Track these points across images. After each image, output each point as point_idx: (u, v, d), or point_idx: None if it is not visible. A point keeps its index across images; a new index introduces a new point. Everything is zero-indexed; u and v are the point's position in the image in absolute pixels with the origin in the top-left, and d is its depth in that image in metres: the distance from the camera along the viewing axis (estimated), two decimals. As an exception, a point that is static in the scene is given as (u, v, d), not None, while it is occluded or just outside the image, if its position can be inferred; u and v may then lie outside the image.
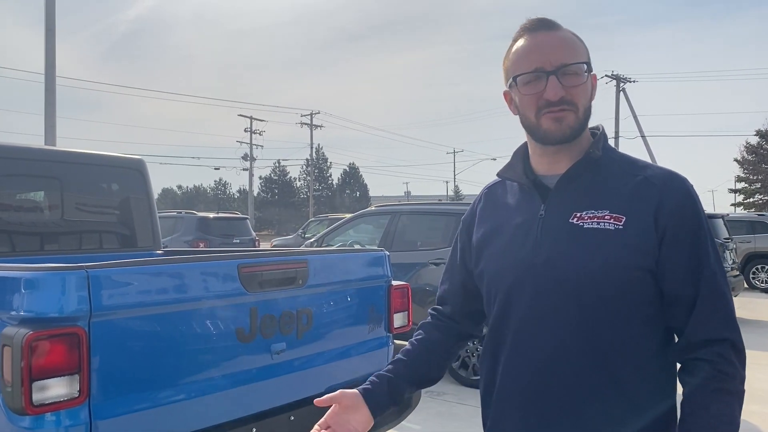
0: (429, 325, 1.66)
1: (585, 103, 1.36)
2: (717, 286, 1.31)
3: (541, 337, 1.35)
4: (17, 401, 1.92)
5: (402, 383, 1.54)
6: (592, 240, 1.31)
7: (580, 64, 1.36)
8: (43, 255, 3.82)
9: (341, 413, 1.47)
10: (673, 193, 1.33)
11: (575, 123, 1.35)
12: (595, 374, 1.31)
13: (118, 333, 2.15)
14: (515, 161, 1.50)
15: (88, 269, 2.06)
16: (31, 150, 4.07)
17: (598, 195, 1.36)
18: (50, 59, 12.06)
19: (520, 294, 1.38)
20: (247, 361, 2.59)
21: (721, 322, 1.30)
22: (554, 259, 1.34)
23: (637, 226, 1.30)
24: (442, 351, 1.62)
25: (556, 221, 1.37)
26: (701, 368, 1.28)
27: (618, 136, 36.24)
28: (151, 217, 4.40)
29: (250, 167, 50.88)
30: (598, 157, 1.38)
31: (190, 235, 14.03)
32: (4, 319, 2.04)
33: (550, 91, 1.33)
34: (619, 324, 1.31)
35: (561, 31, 1.39)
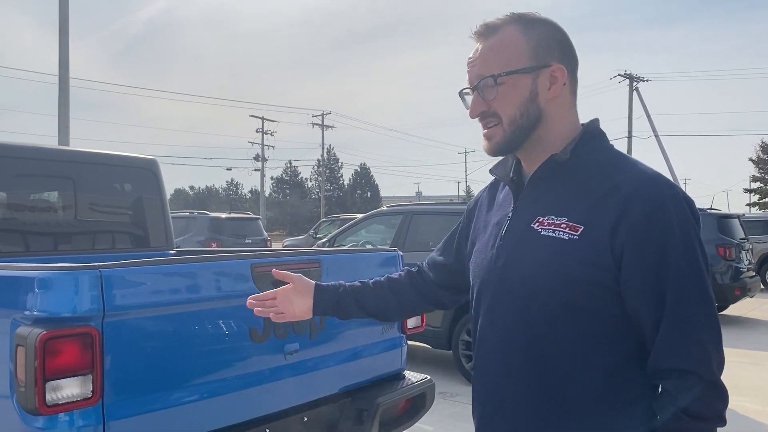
0: (411, 276, 1.68)
1: (511, 112, 1.28)
2: (685, 311, 1.16)
3: (496, 341, 1.32)
4: (31, 401, 1.91)
5: (353, 304, 1.62)
6: (545, 249, 1.23)
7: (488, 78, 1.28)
8: (56, 255, 3.82)
9: (291, 293, 1.61)
10: (640, 204, 1.17)
11: (501, 138, 1.30)
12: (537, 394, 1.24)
13: (131, 333, 2.13)
14: (508, 158, 1.44)
15: (101, 269, 2.05)
16: (44, 150, 4.08)
17: (563, 200, 1.27)
18: (64, 61, 12.14)
19: (484, 296, 1.35)
20: (261, 361, 2.57)
21: (685, 352, 1.16)
22: (509, 264, 1.30)
23: (593, 239, 1.19)
24: (407, 304, 1.65)
25: (518, 224, 1.32)
26: (662, 400, 1.19)
27: (631, 136, 36.04)
28: (163, 217, 4.40)
29: (261, 168, 51.03)
30: (564, 161, 1.27)
31: (203, 235, 14.08)
32: (17, 319, 2.03)
33: (470, 110, 1.33)
34: (570, 342, 1.21)
35: (498, 34, 1.29)
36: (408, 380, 3.26)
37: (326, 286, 1.63)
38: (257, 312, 1.60)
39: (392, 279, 1.67)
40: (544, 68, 1.28)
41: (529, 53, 1.28)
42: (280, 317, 1.61)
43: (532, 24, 1.30)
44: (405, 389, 3.15)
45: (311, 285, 1.62)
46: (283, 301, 1.61)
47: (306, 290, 1.62)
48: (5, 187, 3.74)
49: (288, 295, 1.61)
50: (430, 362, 7.00)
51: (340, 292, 1.62)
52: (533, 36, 1.29)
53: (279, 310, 1.60)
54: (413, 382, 3.24)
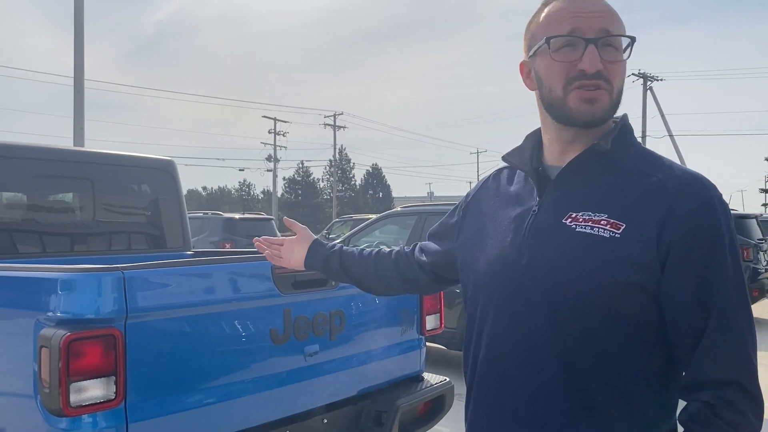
0: (398, 254, 1.65)
1: (620, 85, 1.18)
2: (731, 319, 1.09)
3: (514, 346, 1.20)
4: (55, 402, 1.91)
5: (338, 264, 1.66)
6: (582, 246, 1.13)
7: (624, 37, 1.17)
8: (75, 256, 3.84)
9: (295, 242, 1.74)
10: (689, 201, 1.11)
11: (608, 105, 1.17)
12: (567, 397, 1.14)
13: (153, 334, 2.14)
14: (525, 146, 1.33)
15: (124, 271, 2.05)
16: (63, 151, 4.10)
17: (600, 195, 1.17)
18: (79, 63, 12.25)
19: (501, 295, 1.23)
20: (281, 363, 2.56)
21: (731, 362, 1.09)
22: (537, 261, 1.18)
23: (637, 237, 1.11)
24: (384, 278, 1.64)
25: (547, 219, 1.20)
26: (702, 415, 1.09)
27: (645, 136, 35.79)
28: (181, 218, 4.41)
29: (274, 168, 51.20)
30: (605, 151, 1.18)
31: (217, 236, 14.13)
32: (41, 320, 2.03)
33: (588, 61, 1.13)
34: (601, 345, 1.13)
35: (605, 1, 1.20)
36: (427, 382, 3.25)
37: (323, 243, 1.73)
38: (258, 246, 1.78)
39: (381, 253, 1.68)
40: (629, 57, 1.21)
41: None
42: (276, 259, 1.76)
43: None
44: (424, 391, 3.13)
45: (311, 238, 1.74)
46: (287, 248, 1.75)
47: (305, 242, 1.73)
48: (24, 188, 3.77)
49: (292, 244, 1.75)
50: (448, 364, 6.98)
51: (331, 251, 1.69)
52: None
53: (279, 254, 1.75)
54: (432, 384, 3.22)
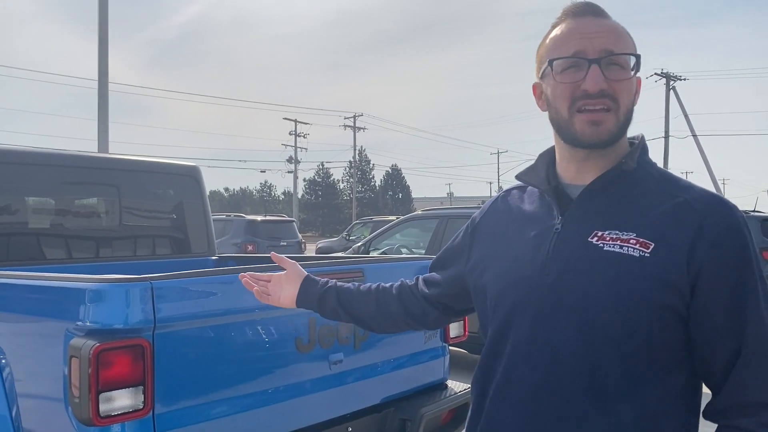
0: (401, 288, 1.58)
1: (628, 103, 1.18)
2: (764, 341, 1.10)
3: (537, 371, 1.18)
4: (85, 412, 1.93)
5: (336, 303, 1.57)
6: (611, 265, 1.13)
7: (628, 55, 1.18)
8: (102, 261, 3.89)
9: (283, 278, 1.63)
10: (717, 221, 1.11)
11: (614, 126, 1.17)
12: (593, 419, 1.13)
13: (180, 344, 2.15)
14: (539, 164, 1.33)
15: (152, 281, 2.07)
16: (89, 158, 4.16)
17: (626, 214, 1.17)
18: (103, 67, 12.40)
19: (522, 315, 1.21)
20: (306, 371, 2.57)
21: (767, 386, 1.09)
22: (563, 281, 1.16)
23: (667, 256, 1.10)
24: (388, 316, 1.57)
25: (572, 238, 1.19)
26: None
27: (668, 136, 35.35)
28: (205, 222, 4.44)
29: (294, 170, 51.44)
30: (632, 170, 1.19)
31: (239, 238, 14.25)
32: (70, 330, 2.06)
33: (590, 81, 1.15)
34: (628, 366, 1.12)
35: (609, 19, 1.22)
36: (451, 390, 3.23)
37: (315, 279, 1.63)
38: (245, 283, 1.65)
39: (382, 288, 1.59)
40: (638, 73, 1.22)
41: (635, 51, 1.22)
42: (264, 297, 1.63)
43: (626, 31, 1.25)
44: (448, 399, 3.12)
45: (302, 275, 1.63)
46: (275, 285, 1.64)
47: (295, 279, 1.63)
48: (52, 195, 3.82)
49: (281, 280, 1.64)
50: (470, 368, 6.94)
51: (326, 288, 1.59)
52: (633, 41, 1.23)
53: (267, 291, 1.63)
54: (456, 392, 3.20)
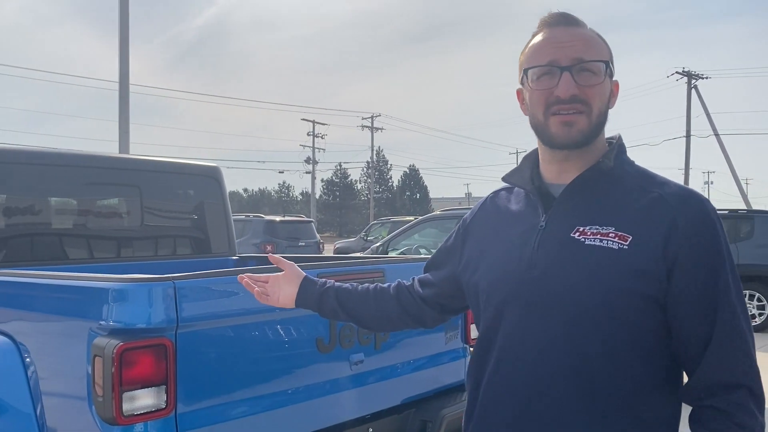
0: (399, 289, 1.63)
1: (600, 106, 1.26)
2: (736, 325, 1.18)
3: (527, 360, 1.25)
4: (108, 411, 1.94)
5: (335, 303, 1.60)
6: (592, 258, 1.20)
7: (599, 62, 1.26)
8: (124, 261, 3.92)
9: (281, 279, 1.65)
10: (689, 214, 1.20)
11: (586, 127, 1.25)
12: (582, 411, 1.20)
13: (202, 344, 2.15)
14: (524, 166, 1.40)
15: (175, 280, 2.07)
16: (111, 159, 4.19)
17: (605, 209, 1.25)
18: (124, 69, 12.52)
19: (511, 309, 1.28)
20: (327, 371, 2.56)
21: (738, 366, 1.17)
22: (548, 275, 1.24)
23: (644, 248, 1.18)
24: (387, 315, 1.61)
25: (555, 234, 1.26)
26: (715, 419, 1.16)
27: (689, 135, 34.93)
28: (226, 223, 4.45)
29: (312, 170, 51.62)
30: (609, 168, 1.27)
31: (258, 238, 14.33)
32: (93, 329, 2.07)
33: (562, 87, 1.23)
34: (611, 353, 1.19)
35: (582, 27, 1.30)
36: (472, 391, 3.20)
37: (313, 280, 1.66)
38: (245, 284, 1.67)
39: (380, 288, 1.64)
40: (613, 75, 1.30)
41: (609, 56, 1.30)
42: (263, 298, 1.65)
43: (601, 36, 1.33)
44: (469, 400, 3.09)
45: (301, 276, 1.66)
46: (273, 285, 1.66)
47: (294, 280, 1.65)
48: (74, 195, 3.86)
49: (279, 281, 1.66)
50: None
51: (325, 288, 1.63)
52: (607, 45, 1.32)
53: (266, 291, 1.64)
54: (477, 394, 3.18)
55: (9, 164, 3.56)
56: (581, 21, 1.31)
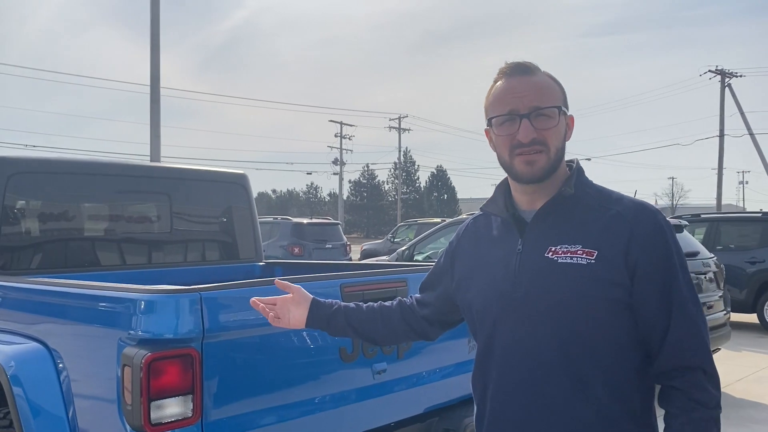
0: (402, 307, 1.79)
1: (557, 144, 1.44)
2: (688, 316, 1.38)
3: (524, 367, 1.43)
4: (137, 419, 2.00)
5: (344, 322, 1.75)
6: (566, 274, 1.39)
7: (552, 108, 1.43)
8: (153, 268, 4.00)
9: (289, 302, 1.78)
10: (643, 227, 1.40)
11: (546, 164, 1.43)
12: (577, 400, 1.38)
13: (227, 354, 2.20)
14: (497, 195, 1.58)
15: (201, 292, 2.12)
16: (141, 167, 4.29)
17: (572, 230, 1.43)
18: (155, 75, 12.75)
19: (503, 326, 1.46)
20: (350, 380, 2.59)
21: (692, 350, 1.37)
22: (532, 292, 1.42)
23: (609, 260, 1.37)
24: (394, 332, 1.78)
25: (532, 256, 1.45)
26: (676, 397, 1.37)
27: (723, 135, 34.26)
28: (253, 229, 4.52)
29: (340, 171, 51.83)
30: (570, 195, 1.45)
31: (286, 240, 14.45)
32: (123, 339, 2.13)
33: (522, 133, 1.42)
34: (596, 352, 1.38)
35: (536, 75, 1.46)
36: (495, 400, 3.21)
37: (322, 302, 1.79)
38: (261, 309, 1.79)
39: (384, 307, 1.80)
40: (567, 113, 1.49)
41: (563, 99, 1.49)
42: (276, 321, 1.79)
43: (553, 77, 1.50)
44: (492, 409, 3.10)
45: (309, 298, 1.79)
46: (282, 308, 1.78)
47: (303, 302, 1.78)
48: (107, 202, 3.95)
49: (287, 303, 1.79)
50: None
51: (334, 309, 1.77)
52: (559, 86, 1.50)
53: (277, 315, 1.78)
54: (500, 402, 3.18)
55: (44, 173, 3.67)
56: (535, 68, 1.48)
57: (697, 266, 6.44)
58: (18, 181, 3.50)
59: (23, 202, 3.60)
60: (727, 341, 6.70)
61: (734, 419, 5.22)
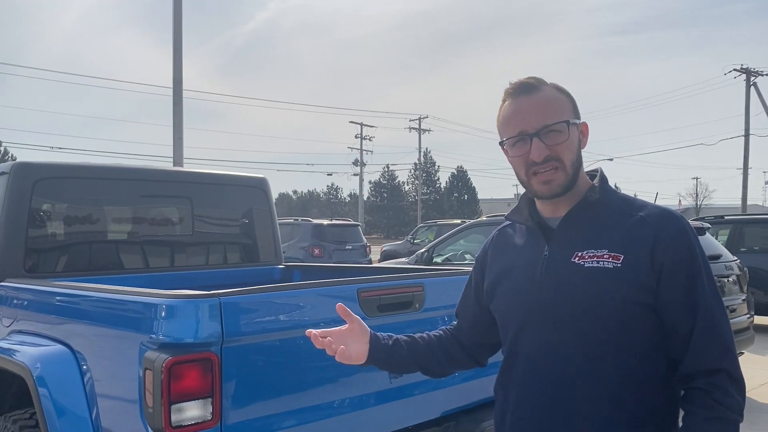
0: (455, 334, 1.79)
1: (571, 156, 1.46)
2: (712, 318, 1.38)
3: (550, 371, 1.44)
4: (158, 422, 2.04)
5: (407, 357, 1.70)
6: (593, 278, 1.40)
7: (560, 123, 1.44)
8: (175, 271, 4.07)
9: (346, 334, 1.66)
10: (667, 231, 1.41)
11: (564, 180, 1.45)
12: (602, 404, 1.39)
13: (246, 358, 2.23)
14: (522, 204, 1.61)
15: (221, 296, 2.16)
16: (164, 172, 4.36)
17: (597, 235, 1.45)
18: (177, 76, 12.89)
19: (529, 331, 1.48)
20: (367, 384, 2.61)
21: (716, 353, 1.37)
22: (558, 297, 1.44)
23: (635, 264, 1.39)
24: (456, 361, 1.78)
25: (559, 261, 1.47)
26: (698, 398, 1.36)
27: (748, 134, 33.71)
28: (273, 232, 4.57)
29: (360, 172, 51.92)
30: (596, 200, 1.48)
31: (306, 242, 14.53)
32: (144, 343, 2.17)
33: (535, 152, 1.44)
34: (622, 356, 1.39)
35: (542, 92, 1.48)
36: (512, 404, 3.21)
37: (382, 339, 1.70)
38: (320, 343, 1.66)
39: (439, 336, 1.78)
40: (579, 123, 1.50)
41: (571, 109, 1.50)
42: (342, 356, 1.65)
43: (560, 88, 1.51)
44: (509, 414, 3.10)
45: (367, 331, 1.69)
46: (338, 341, 1.66)
47: (362, 336, 1.68)
48: (130, 207, 4.02)
49: (344, 336, 1.67)
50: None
51: (393, 344, 1.70)
52: (567, 96, 1.51)
53: (343, 349, 1.65)
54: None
55: (69, 178, 3.75)
56: (540, 83, 1.49)
57: (720, 269, 6.37)
58: (43, 186, 3.58)
59: (49, 207, 3.68)
60: (751, 345, 6.61)
61: (759, 424, 5.15)
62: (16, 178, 3.49)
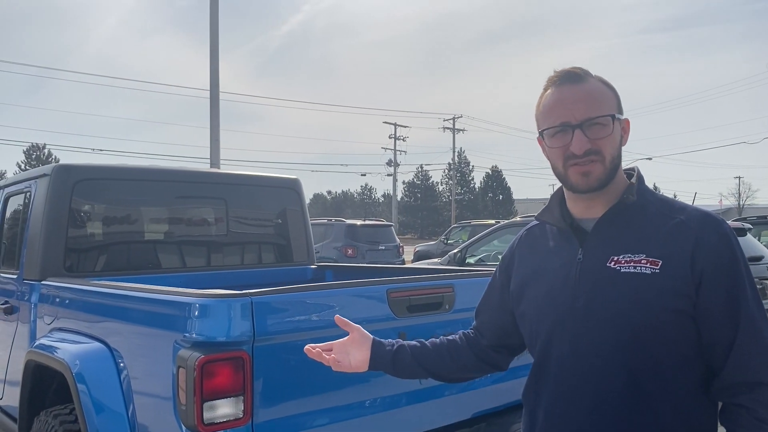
0: (468, 338, 1.73)
1: (612, 152, 1.40)
2: (755, 329, 1.31)
3: (582, 378, 1.39)
4: (190, 419, 2.08)
5: (411, 361, 1.66)
6: (629, 284, 1.34)
7: (606, 116, 1.38)
8: (211, 270, 4.14)
9: (348, 344, 1.67)
10: (709, 236, 1.34)
11: (602, 174, 1.39)
12: (637, 414, 1.33)
13: (277, 357, 2.26)
14: (553, 205, 1.54)
15: (252, 296, 2.19)
16: (200, 173, 4.44)
17: (635, 238, 1.38)
18: (214, 81, 13.09)
19: (561, 336, 1.42)
20: (397, 385, 2.61)
21: (759, 365, 1.30)
22: (593, 302, 1.38)
23: (674, 270, 1.32)
24: (464, 366, 1.70)
25: (593, 265, 1.40)
26: (741, 416, 1.30)
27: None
28: (305, 233, 4.62)
29: (394, 173, 51.97)
30: (633, 202, 1.41)
31: (340, 242, 14.60)
32: (178, 341, 2.22)
33: (576, 145, 1.38)
34: (658, 364, 1.33)
35: (587, 83, 1.41)
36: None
37: (384, 344, 1.69)
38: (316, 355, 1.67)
39: (450, 340, 1.73)
40: (622, 118, 1.44)
41: (616, 104, 1.43)
42: (338, 366, 1.67)
43: (605, 82, 1.45)
44: (541, 416, 3.07)
45: (369, 339, 1.69)
46: (341, 351, 1.67)
47: (363, 343, 1.68)
48: (167, 208, 4.11)
49: (346, 346, 1.68)
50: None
51: (396, 349, 1.67)
52: (612, 90, 1.45)
53: (337, 359, 1.66)
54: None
55: (107, 180, 3.85)
56: (586, 74, 1.43)
57: (761, 271, 6.21)
58: (83, 187, 3.68)
59: (88, 208, 3.78)
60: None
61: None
62: (57, 179, 3.60)
